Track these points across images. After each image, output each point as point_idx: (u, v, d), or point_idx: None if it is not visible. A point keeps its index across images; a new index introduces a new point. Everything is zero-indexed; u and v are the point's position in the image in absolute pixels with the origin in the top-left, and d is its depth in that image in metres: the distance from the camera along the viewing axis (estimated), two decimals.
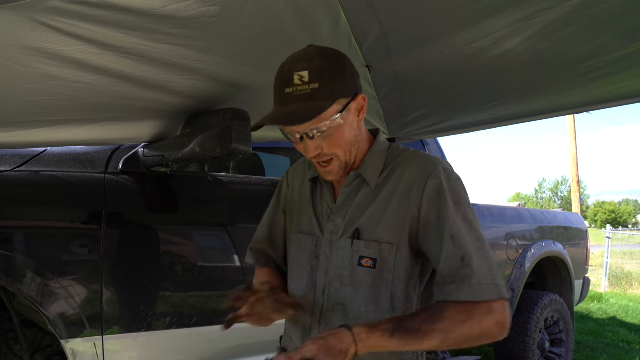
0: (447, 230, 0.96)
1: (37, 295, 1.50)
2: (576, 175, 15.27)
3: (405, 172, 1.04)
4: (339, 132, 1.00)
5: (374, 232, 1.03)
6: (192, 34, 1.21)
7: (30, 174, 1.60)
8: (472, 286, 0.92)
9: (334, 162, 1.04)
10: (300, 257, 1.14)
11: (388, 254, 1.01)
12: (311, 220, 1.14)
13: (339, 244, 1.07)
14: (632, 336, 5.37)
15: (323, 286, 1.07)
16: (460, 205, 0.99)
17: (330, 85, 0.96)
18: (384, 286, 1.01)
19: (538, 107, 1.82)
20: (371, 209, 1.05)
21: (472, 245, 0.96)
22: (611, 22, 1.28)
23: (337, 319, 1.04)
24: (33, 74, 1.14)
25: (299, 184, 1.23)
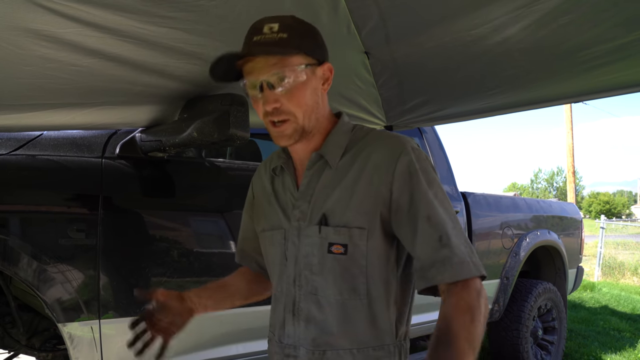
0: (422, 211, 0.93)
1: (33, 279, 1.50)
2: (572, 165, 15.33)
3: (373, 152, 0.99)
4: (300, 89, 0.96)
5: (342, 217, 0.97)
6: (191, 17, 1.20)
7: (27, 157, 1.59)
8: (453, 266, 0.89)
9: (289, 124, 0.97)
10: (273, 251, 1.09)
11: (359, 239, 0.96)
12: (277, 213, 1.09)
13: (307, 231, 1.01)
14: (623, 324, 5.45)
15: (293, 276, 1.03)
16: (432, 184, 0.96)
17: (298, 38, 0.95)
18: (359, 272, 0.97)
19: (536, 95, 1.82)
20: (337, 192, 0.99)
21: (448, 224, 0.93)
22: (611, 10, 1.27)
23: (312, 310, 1.00)
24: (29, 56, 1.13)
25: (261, 184, 1.19)
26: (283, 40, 0.93)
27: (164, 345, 1.15)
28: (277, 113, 0.96)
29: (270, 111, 0.96)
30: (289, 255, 1.04)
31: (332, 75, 1.03)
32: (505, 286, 3.27)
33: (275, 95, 0.95)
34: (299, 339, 1.01)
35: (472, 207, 3.09)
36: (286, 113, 0.97)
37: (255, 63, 0.95)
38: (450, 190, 3.09)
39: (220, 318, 1.88)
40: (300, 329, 1.01)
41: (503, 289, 3.26)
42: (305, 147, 1.05)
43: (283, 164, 1.10)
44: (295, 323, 1.02)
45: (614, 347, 4.52)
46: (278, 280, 1.08)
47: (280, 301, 1.06)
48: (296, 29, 0.96)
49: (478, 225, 3.09)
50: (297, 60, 0.95)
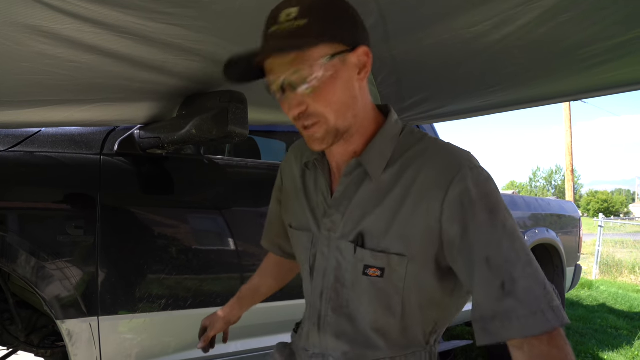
0: (479, 252, 0.77)
1: (32, 276, 1.50)
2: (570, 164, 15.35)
3: (422, 169, 0.84)
4: (328, 85, 0.81)
5: (380, 241, 0.86)
6: (190, 13, 1.19)
7: (25, 154, 1.58)
8: (520, 319, 0.74)
9: (319, 126, 0.83)
10: (300, 254, 1.02)
11: (397, 265, 0.85)
12: (305, 213, 1.00)
13: (339, 244, 0.91)
14: (620, 322, 5.46)
15: (321, 289, 0.95)
16: (496, 214, 0.79)
17: (321, 23, 0.79)
18: (394, 292, 0.87)
19: (536, 93, 1.82)
20: (378, 211, 0.87)
21: (515, 264, 0.76)
22: (610, 8, 1.27)
23: (343, 324, 0.92)
24: (27, 52, 1.13)
25: (291, 173, 1.09)
26: (301, 30, 0.78)
27: None
28: (305, 117, 0.83)
29: (297, 116, 0.84)
30: (317, 266, 0.96)
31: (370, 60, 0.86)
32: None
33: (298, 97, 0.82)
34: (327, 349, 0.96)
35: None
36: (315, 115, 0.83)
37: (273, 60, 0.82)
38: None
39: None
40: (328, 342, 0.95)
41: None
42: (343, 149, 0.92)
43: (317, 161, 0.99)
44: (322, 336, 0.95)
45: (611, 345, 4.53)
46: (304, 282, 1.04)
47: (306, 306, 1.03)
48: (319, 10, 0.80)
49: None
50: (321, 51, 0.79)
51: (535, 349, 0.74)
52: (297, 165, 1.07)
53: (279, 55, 0.80)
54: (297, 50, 0.78)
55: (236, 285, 1.92)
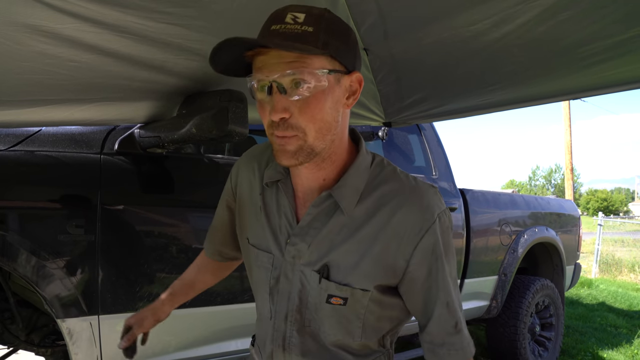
0: (442, 297, 0.89)
1: (32, 275, 1.50)
2: (570, 163, 15.36)
3: (397, 212, 0.86)
4: (318, 99, 0.78)
5: (346, 275, 0.87)
6: (189, 13, 1.20)
7: (25, 153, 1.59)
8: (464, 349, 0.91)
9: (294, 139, 0.80)
10: (258, 272, 0.99)
11: (361, 297, 0.89)
12: (265, 233, 0.96)
13: (304, 269, 0.91)
14: (620, 321, 5.47)
15: (285, 312, 0.94)
16: (450, 262, 0.91)
17: (326, 35, 0.77)
18: (355, 318, 0.91)
19: (535, 92, 1.82)
20: (346, 246, 0.87)
21: (460, 307, 0.93)
22: (609, 7, 1.27)
23: (306, 342, 0.93)
24: (27, 51, 1.13)
25: (247, 184, 1.03)
26: (307, 35, 0.76)
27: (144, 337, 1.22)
28: (284, 126, 0.79)
29: (277, 122, 0.79)
30: (282, 289, 0.94)
31: (361, 89, 0.86)
32: (503, 283, 3.28)
33: (285, 102, 0.78)
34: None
35: (471, 204, 3.10)
36: (295, 128, 0.79)
37: (268, 57, 0.77)
38: (449, 187, 3.10)
39: (218, 314, 1.89)
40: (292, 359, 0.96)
41: (501, 286, 3.27)
42: (312, 175, 0.89)
43: (280, 182, 0.94)
44: (287, 356, 0.95)
45: (610, 343, 4.54)
46: (262, 304, 1.00)
47: (267, 328, 0.98)
48: (326, 23, 0.79)
49: (476, 222, 3.10)
50: (321, 62, 0.78)
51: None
52: (255, 178, 1.01)
53: (278, 52, 0.76)
54: (301, 53, 0.75)
55: (236, 284, 1.92)
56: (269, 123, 0.81)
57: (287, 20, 0.78)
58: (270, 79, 0.77)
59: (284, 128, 0.79)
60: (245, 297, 1.94)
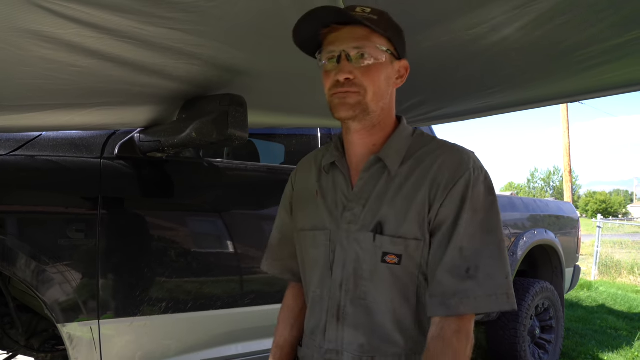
0: (457, 241, 0.91)
1: (33, 280, 1.50)
2: (568, 165, 15.37)
3: (435, 164, 0.96)
4: (377, 69, 0.95)
5: (399, 227, 0.95)
6: (190, 18, 1.20)
7: (26, 158, 1.59)
8: (477, 299, 0.89)
9: (355, 94, 0.94)
10: (315, 253, 1.05)
11: (414, 251, 0.94)
12: (321, 213, 1.05)
13: (358, 235, 0.98)
14: (620, 323, 5.47)
15: (340, 280, 0.99)
16: (483, 213, 0.93)
17: (387, 24, 0.97)
18: (410, 281, 0.95)
19: (533, 95, 1.83)
20: (395, 201, 0.96)
21: (483, 254, 0.91)
22: (607, 11, 1.28)
23: (360, 315, 0.97)
24: (29, 56, 1.13)
25: (304, 180, 1.15)
26: (373, 20, 0.94)
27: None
28: (349, 84, 0.94)
29: (342, 81, 0.94)
30: (337, 258, 1.00)
31: (407, 75, 1.04)
32: None
33: (351, 67, 0.94)
34: (343, 344, 0.98)
35: None
36: (358, 86, 0.94)
37: (341, 33, 0.95)
38: None
39: (218, 318, 1.89)
40: (346, 334, 0.98)
41: None
42: (364, 140, 1.02)
43: (337, 160, 1.06)
44: (340, 328, 0.99)
45: (611, 345, 4.54)
46: (319, 283, 1.04)
47: (322, 304, 1.03)
48: (387, 17, 0.98)
49: None
50: (382, 41, 0.96)
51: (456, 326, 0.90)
52: (313, 170, 1.13)
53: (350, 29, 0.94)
54: (370, 28, 0.93)
55: (236, 288, 1.92)
56: (332, 84, 0.95)
57: (357, 10, 0.95)
58: (341, 49, 0.94)
59: (349, 86, 0.94)
60: (246, 301, 1.94)
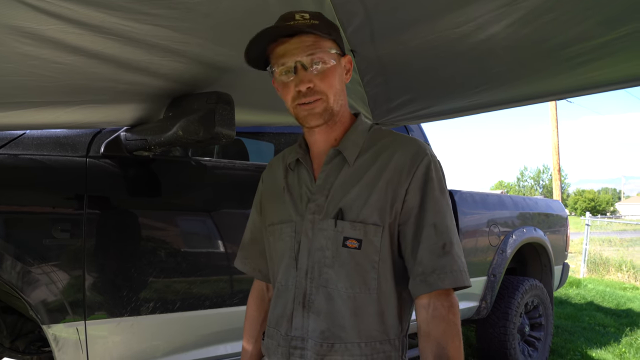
0: (430, 218, 0.98)
1: (17, 281, 1.47)
2: (557, 163, 15.51)
3: (395, 154, 1.03)
4: (332, 72, 1.01)
5: (359, 213, 1.00)
6: (175, 14, 1.19)
7: (9, 157, 1.56)
8: (454, 273, 0.96)
9: (320, 102, 1.01)
10: (281, 245, 1.10)
11: (373, 235, 0.99)
12: (287, 207, 1.11)
13: (322, 224, 1.03)
14: (608, 320, 5.53)
15: (305, 268, 1.04)
16: (444, 193, 1.02)
17: (328, 27, 1.03)
18: (370, 267, 1.00)
19: (521, 93, 1.84)
20: (356, 188, 1.02)
21: (453, 233, 0.99)
22: (593, 9, 1.29)
23: (322, 302, 1.01)
24: (10, 53, 1.11)
25: (273, 178, 1.20)
26: (316, 26, 0.99)
27: None
28: (311, 93, 1.00)
29: (304, 91, 1.00)
30: (302, 248, 1.05)
31: (352, 67, 1.10)
32: (492, 283, 3.29)
33: (309, 75, 1.00)
34: (307, 332, 1.02)
35: (459, 205, 3.11)
36: (319, 93, 1.00)
37: (289, 44, 1.00)
38: None
39: (206, 318, 1.87)
40: (310, 321, 1.02)
41: (490, 286, 3.29)
42: (326, 137, 1.09)
43: (300, 157, 1.12)
44: (305, 315, 1.02)
45: (599, 342, 4.58)
46: (284, 274, 1.08)
47: (287, 294, 1.06)
48: (325, 19, 1.04)
49: (465, 223, 3.12)
50: (329, 44, 1.02)
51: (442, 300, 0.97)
52: (279, 170, 1.19)
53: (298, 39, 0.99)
54: (318, 35, 0.99)
55: (225, 288, 1.91)
56: (294, 95, 1.02)
57: (297, 18, 1.00)
58: (295, 60, 0.99)
59: (311, 94, 1.00)
60: (235, 301, 1.92)
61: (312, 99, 1.00)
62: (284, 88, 1.04)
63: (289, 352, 1.03)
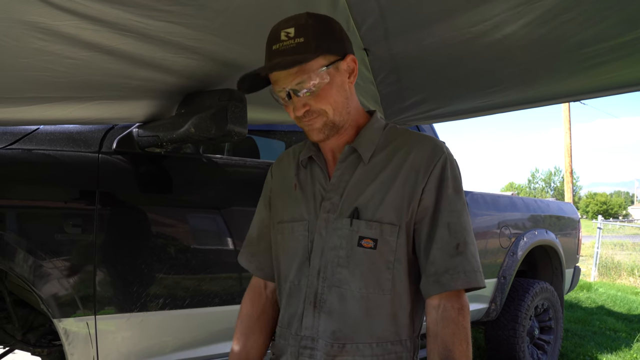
0: (444, 218, 0.97)
1: (29, 275, 1.49)
2: (569, 166, 15.35)
3: (412, 153, 1.02)
4: (326, 90, 0.99)
5: (375, 212, 0.99)
6: (189, 11, 1.19)
7: (23, 152, 1.58)
8: (467, 273, 0.95)
9: (319, 118, 1.00)
10: (293, 244, 1.08)
11: (389, 235, 0.98)
12: (299, 205, 1.09)
13: (336, 223, 1.02)
14: (619, 324, 5.46)
15: (318, 268, 1.02)
16: (460, 192, 1.01)
17: (315, 39, 0.96)
18: (385, 267, 0.99)
19: (536, 93, 1.81)
20: (371, 187, 1.01)
21: (469, 233, 0.99)
22: (612, 9, 1.27)
23: (335, 302, 1.00)
24: (25, 48, 1.12)
25: (283, 174, 1.18)
26: (301, 46, 0.95)
27: None
28: (309, 115, 1.00)
29: (302, 115, 1.00)
30: (315, 247, 1.03)
31: (357, 66, 1.05)
32: (502, 285, 3.26)
33: (302, 100, 0.99)
34: (318, 332, 1.01)
35: (470, 206, 3.09)
36: (316, 112, 1.00)
37: (278, 73, 0.98)
38: None
39: (216, 315, 1.88)
40: (321, 321, 1.01)
41: (500, 288, 3.26)
42: (337, 140, 1.07)
43: (314, 154, 1.10)
44: (316, 315, 1.01)
45: (609, 347, 4.53)
46: (296, 273, 1.06)
47: (299, 294, 1.05)
48: (312, 29, 0.97)
49: (476, 224, 3.09)
50: (318, 63, 0.97)
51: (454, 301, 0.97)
52: (290, 165, 1.17)
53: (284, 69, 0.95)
54: (299, 65, 0.95)
55: (234, 285, 1.91)
56: (296, 118, 1.02)
57: (282, 38, 0.97)
58: (285, 89, 0.98)
59: (310, 116, 1.00)
60: None
61: (312, 117, 1.00)
62: (285, 107, 1.04)
63: (298, 352, 1.02)
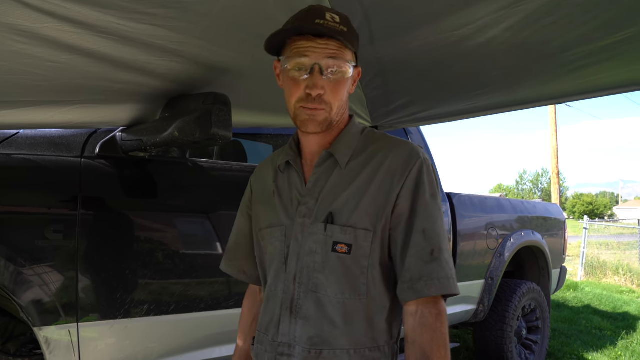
0: (419, 224, 0.97)
1: (9, 283, 1.45)
2: (556, 167, 15.53)
3: (387, 158, 1.01)
4: (344, 83, 1.00)
5: (349, 217, 0.99)
6: (172, 14, 1.17)
7: (1, 156, 1.55)
8: (441, 280, 0.94)
9: (323, 112, 0.99)
10: (271, 250, 1.08)
11: (364, 240, 0.98)
12: (277, 211, 1.09)
13: (312, 228, 1.01)
14: (605, 323, 5.53)
15: (294, 273, 1.02)
16: (435, 197, 1.00)
17: (353, 37, 1.00)
18: (360, 272, 0.98)
19: (520, 96, 1.83)
20: (347, 192, 1.01)
21: (443, 239, 0.97)
22: (592, 13, 1.28)
23: (310, 308, 0.99)
24: (4, 51, 1.10)
25: (262, 182, 1.18)
26: (345, 33, 0.96)
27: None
28: (318, 101, 0.98)
29: (314, 97, 0.97)
30: (291, 252, 1.03)
31: (358, 80, 1.09)
32: (490, 286, 3.28)
33: (322, 81, 0.97)
34: (295, 338, 1.00)
35: (457, 208, 3.10)
36: (326, 103, 0.99)
37: (315, 44, 0.96)
38: None
39: (201, 321, 1.86)
40: (297, 327, 1.00)
41: (488, 289, 3.28)
42: (320, 140, 1.07)
43: (291, 160, 1.10)
44: (292, 321, 1.00)
45: (595, 345, 4.58)
46: (274, 279, 1.06)
47: (276, 299, 1.04)
48: (352, 28, 1.01)
49: (463, 226, 3.10)
50: (350, 56, 1.00)
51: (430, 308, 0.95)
52: (268, 172, 1.17)
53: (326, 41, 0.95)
54: (343, 44, 0.96)
55: (220, 290, 1.89)
56: (302, 96, 0.98)
57: (328, 18, 0.97)
58: (315, 62, 0.96)
59: (318, 102, 0.98)
60: (230, 303, 1.91)
61: (317, 106, 0.98)
62: (293, 84, 0.99)
63: (275, 358, 1.01)
